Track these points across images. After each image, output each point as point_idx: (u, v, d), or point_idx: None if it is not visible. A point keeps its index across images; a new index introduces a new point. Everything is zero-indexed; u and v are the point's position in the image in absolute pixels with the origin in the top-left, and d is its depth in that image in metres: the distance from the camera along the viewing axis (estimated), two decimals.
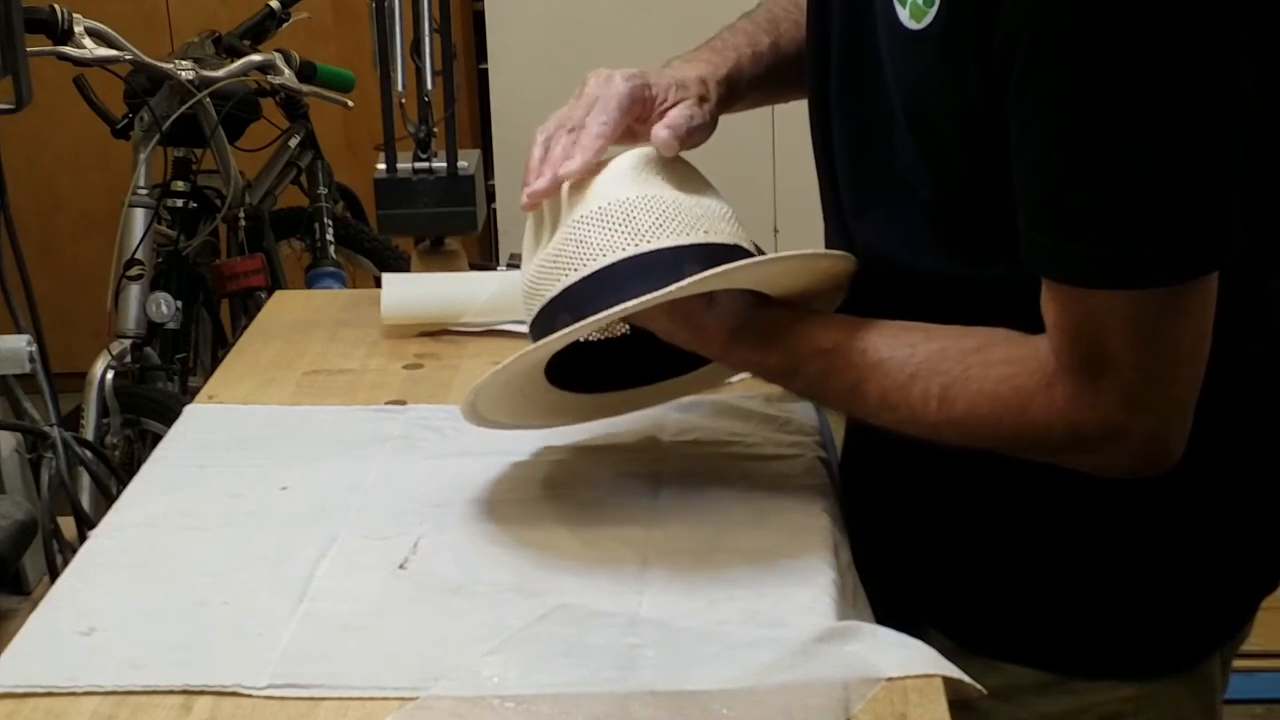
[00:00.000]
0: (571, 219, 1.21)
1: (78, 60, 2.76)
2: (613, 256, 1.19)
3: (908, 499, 1.32)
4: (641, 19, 3.56)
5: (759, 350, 1.24)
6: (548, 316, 1.21)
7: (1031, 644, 1.29)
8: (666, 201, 1.21)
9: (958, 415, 1.17)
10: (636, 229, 1.19)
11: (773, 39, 1.42)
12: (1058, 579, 1.27)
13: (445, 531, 1.27)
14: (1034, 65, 1.05)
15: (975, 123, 1.11)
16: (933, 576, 1.33)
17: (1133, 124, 1.04)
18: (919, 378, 1.18)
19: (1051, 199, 1.08)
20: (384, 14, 2.46)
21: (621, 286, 1.17)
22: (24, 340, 1.80)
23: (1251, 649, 1.37)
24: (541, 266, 1.22)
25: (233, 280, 3.10)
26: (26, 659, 1.11)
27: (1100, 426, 1.13)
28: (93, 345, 2.91)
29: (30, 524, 1.60)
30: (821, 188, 1.35)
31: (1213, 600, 1.30)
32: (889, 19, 1.16)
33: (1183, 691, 1.30)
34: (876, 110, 1.21)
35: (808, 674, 1.06)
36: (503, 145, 3.68)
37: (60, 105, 3.17)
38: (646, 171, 1.23)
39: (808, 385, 1.24)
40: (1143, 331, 1.10)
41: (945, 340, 1.18)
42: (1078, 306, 1.11)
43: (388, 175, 2.51)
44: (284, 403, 1.52)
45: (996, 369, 1.16)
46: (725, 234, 1.21)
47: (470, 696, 1.05)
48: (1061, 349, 1.13)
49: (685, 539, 1.24)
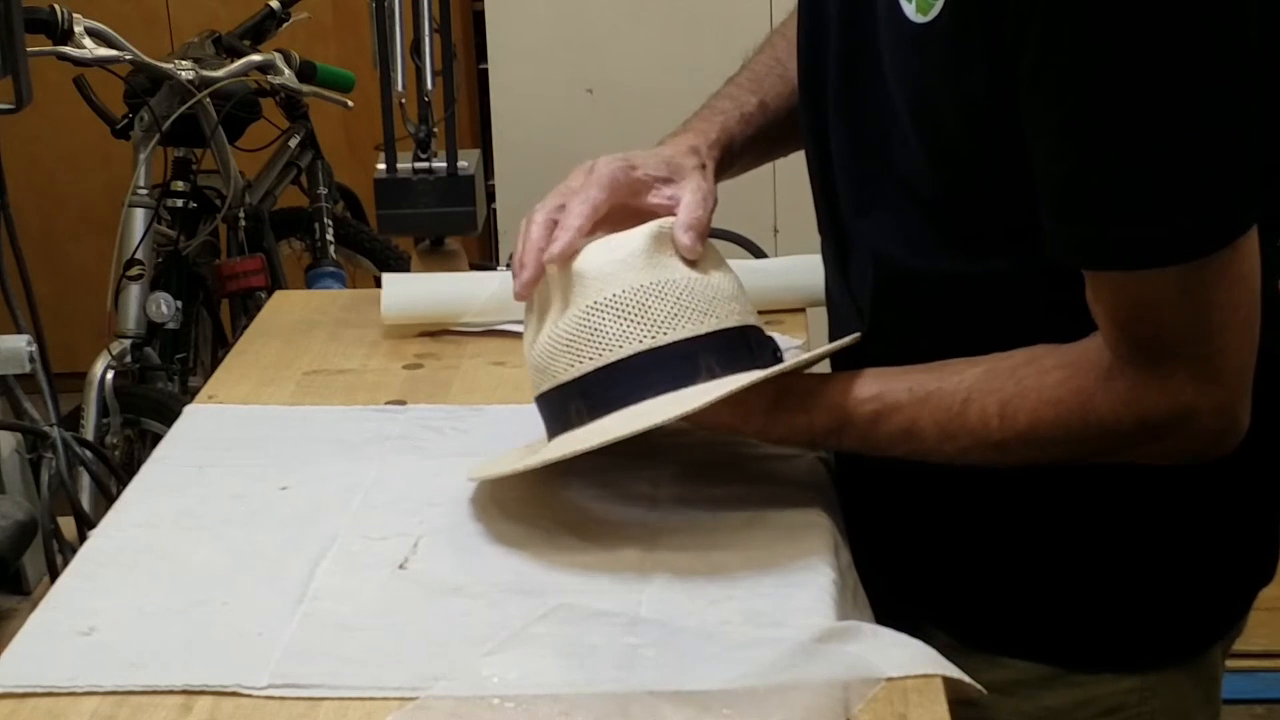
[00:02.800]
0: (585, 303, 1.22)
1: (78, 60, 2.76)
2: (629, 349, 1.20)
3: (907, 495, 1.32)
4: (641, 19, 3.56)
5: (804, 414, 1.23)
6: (560, 398, 1.23)
7: (1034, 638, 1.29)
8: (679, 286, 1.22)
9: (1022, 429, 1.15)
10: (652, 320, 1.20)
11: (759, 98, 1.42)
12: (1058, 572, 1.27)
13: (445, 531, 1.27)
14: (1048, 50, 1.04)
15: (984, 115, 1.11)
16: (933, 573, 1.33)
17: (1154, 98, 1.03)
18: (973, 400, 1.17)
19: (1079, 185, 1.08)
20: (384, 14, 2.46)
21: (639, 379, 1.20)
22: (24, 340, 1.80)
23: (1252, 649, 1.37)
24: (555, 345, 1.23)
25: (233, 280, 3.10)
26: (26, 659, 1.11)
27: (1168, 410, 1.12)
28: (93, 345, 2.91)
29: (30, 524, 1.60)
30: (814, 190, 1.35)
31: (1214, 590, 1.30)
32: (893, 15, 1.15)
33: (1185, 681, 1.30)
34: (877, 112, 1.21)
35: (808, 674, 1.06)
36: (503, 145, 3.68)
37: (60, 105, 3.17)
38: (658, 253, 1.23)
39: (860, 438, 1.22)
40: (1199, 303, 1.09)
41: (989, 362, 1.18)
42: (1128, 291, 1.10)
43: (388, 175, 2.51)
44: (284, 403, 1.52)
45: (1052, 375, 1.15)
46: (735, 316, 1.23)
47: (470, 696, 1.05)
48: (1117, 340, 1.12)
49: (685, 539, 1.24)
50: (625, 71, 3.58)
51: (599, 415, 1.21)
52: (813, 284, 1.67)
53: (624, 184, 1.29)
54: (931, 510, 1.30)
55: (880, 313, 1.28)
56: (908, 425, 1.19)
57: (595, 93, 3.62)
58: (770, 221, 3.50)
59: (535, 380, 1.26)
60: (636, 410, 1.19)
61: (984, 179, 1.15)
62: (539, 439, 1.33)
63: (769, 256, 1.87)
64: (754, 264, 1.74)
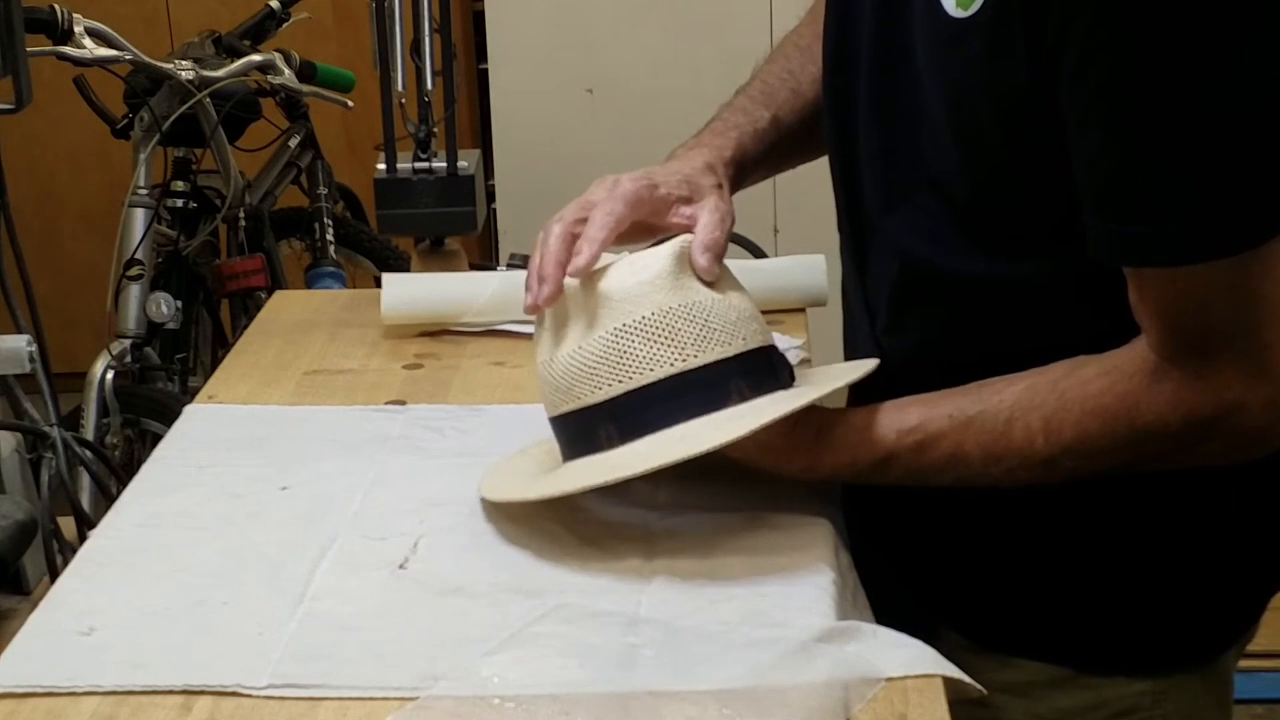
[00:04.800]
0: (613, 325, 1.21)
1: (78, 60, 2.76)
2: (660, 372, 1.20)
3: (921, 497, 1.31)
4: (641, 19, 3.56)
5: (847, 452, 1.22)
6: (586, 420, 1.22)
7: (1047, 639, 1.29)
8: (706, 308, 1.22)
9: (1068, 442, 1.15)
10: (681, 343, 1.20)
11: (772, 113, 1.41)
12: (1073, 574, 1.27)
13: (445, 531, 1.27)
14: (1093, 45, 1.04)
15: (1022, 111, 1.10)
16: (947, 574, 1.33)
17: (1200, 92, 1.03)
18: (1015, 420, 1.16)
19: (1124, 182, 1.07)
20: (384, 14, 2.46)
21: (670, 403, 1.19)
22: (24, 340, 1.80)
23: (1252, 649, 1.37)
24: (579, 366, 1.22)
25: (233, 280, 3.10)
26: (26, 659, 1.11)
27: (1216, 407, 1.11)
28: (93, 345, 2.91)
29: (30, 524, 1.60)
30: (836, 187, 1.34)
31: (1228, 594, 1.30)
32: (931, 10, 1.14)
33: (1198, 686, 1.30)
34: (909, 110, 1.20)
35: (808, 674, 1.06)
36: (503, 145, 3.68)
37: (60, 105, 3.17)
38: (682, 274, 1.23)
39: (905, 469, 1.21)
40: (1247, 296, 1.08)
41: (1029, 378, 1.17)
42: (1175, 287, 1.09)
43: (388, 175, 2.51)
44: (284, 403, 1.52)
45: (1094, 384, 1.14)
46: (758, 337, 1.24)
47: (470, 696, 1.05)
48: (1162, 339, 1.11)
49: (685, 539, 1.24)
50: (625, 71, 3.59)
51: (630, 439, 1.20)
52: (813, 284, 1.68)
53: (647, 202, 1.28)
54: (946, 511, 1.30)
55: (902, 310, 1.27)
56: (952, 452, 1.19)
57: (595, 93, 3.62)
58: (770, 221, 3.50)
59: (553, 400, 1.25)
60: (670, 434, 1.19)
61: (1017, 180, 1.14)
62: (537, 442, 1.33)
63: (769, 256, 1.87)
64: (754, 264, 1.74)
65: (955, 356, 1.23)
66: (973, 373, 1.20)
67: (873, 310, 1.31)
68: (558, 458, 1.28)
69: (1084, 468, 1.17)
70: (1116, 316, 1.14)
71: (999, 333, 1.21)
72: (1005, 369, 1.19)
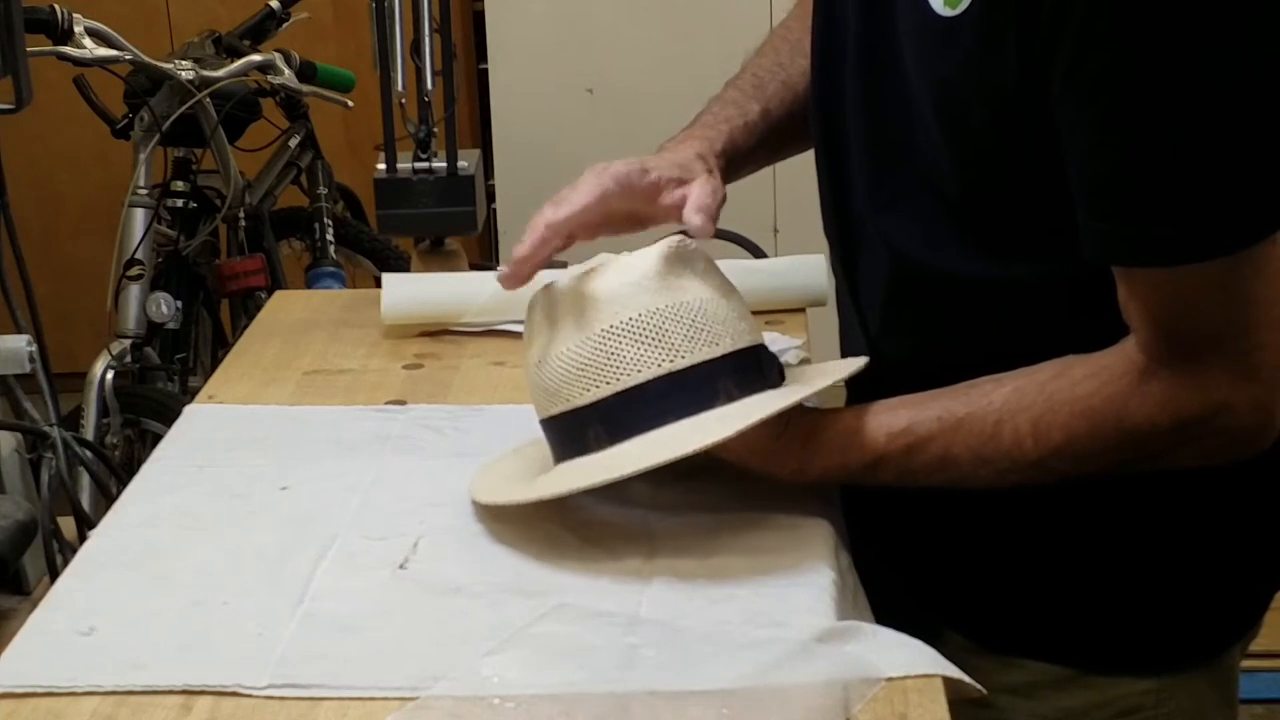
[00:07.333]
0: (600, 327, 1.21)
1: (78, 60, 2.76)
2: (648, 373, 1.20)
3: (922, 497, 1.31)
4: (641, 19, 3.56)
5: (838, 454, 1.22)
6: (575, 422, 1.22)
7: (1050, 640, 1.29)
8: (694, 308, 1.22)
9: (1057, 444, 1.15)
10: (669, 344, 1.20)
11: (761, 105, 1.41)
12: (1076, 574, 1.27)
13: (445, 531, 1.27)
14: (1086, 45, 1.04)
15: (1011, 110, 1.10)
16: (949, 575, 1.33)
17: (1193, 93, 1.03)
18: (1004, 421, 1.16)
19: (1116, 182, 1.07)
20: (384, 14, 2.46)
21: (658, 404, 1.19)
22: (24, 340, 1.80)
23: (1252, 649, 1.37)
24: (567, 369, 1.22)
25: (233, 280, 3.10)
26: (26, 659, 1.11)
27: (1204, 408, 1.12)
28: (93, 345, 2.91)
29: (30, 524, 1.60)
30: (822, 186, 1.34)
31: (1232, 592, 1.30)
32: (917, 10, 1.14)
33: (1203, 684, 1.30)
34: (898, 109, 1.20)
35: (808, 674, 1.06)
36: (503, 145, 3.68)
37: (60, 105, 3.17)
38: (670, 275, 1.23)
39: (896, 471, 1.21)
40: (1237, 298, 1.09)
41: (1017, 380, 1.17)
42: (1166, 288, 1.09)
43: (388, 175, 2.51)
44: (284, 403, 1.52)
45: (1082, 386, 1.14)
46: (746, 336, 1.23)
47: (470, 696, 1.05)
48: (1151, 340, 1.11)
49: (685, 539, 1.24)
50: (625, 71, 3.59)
51: (620, 440, 1.20)
52: (813, 284, 1.68)
53: (638, 186, 1.28)
54: (947, 512, 1.29)
55: (894, 309, 1.27)
56: (942, 454, 1.19)
57: (595, 93, 3.62)
58: (770, 221, 3.50)
59: (542, 402, 1.25)
60: (658, 435, 1.19)
61: (1008, 178, 1.14)
62: (531, 441, 1.32)
63: (769, 256, 1.87)
64: (754, 264, 1.74)
65: (950, 358, 1.22)
66: (968, 374, 1.20)
67: (865, 311, 1.31)
68: (549, 458, 1.28)
69: (1073, 470, 1.17)
70: (1111, 318, 1.14)
71: (994, 334, 1.21)
72: (1001, 370, 1.19)
